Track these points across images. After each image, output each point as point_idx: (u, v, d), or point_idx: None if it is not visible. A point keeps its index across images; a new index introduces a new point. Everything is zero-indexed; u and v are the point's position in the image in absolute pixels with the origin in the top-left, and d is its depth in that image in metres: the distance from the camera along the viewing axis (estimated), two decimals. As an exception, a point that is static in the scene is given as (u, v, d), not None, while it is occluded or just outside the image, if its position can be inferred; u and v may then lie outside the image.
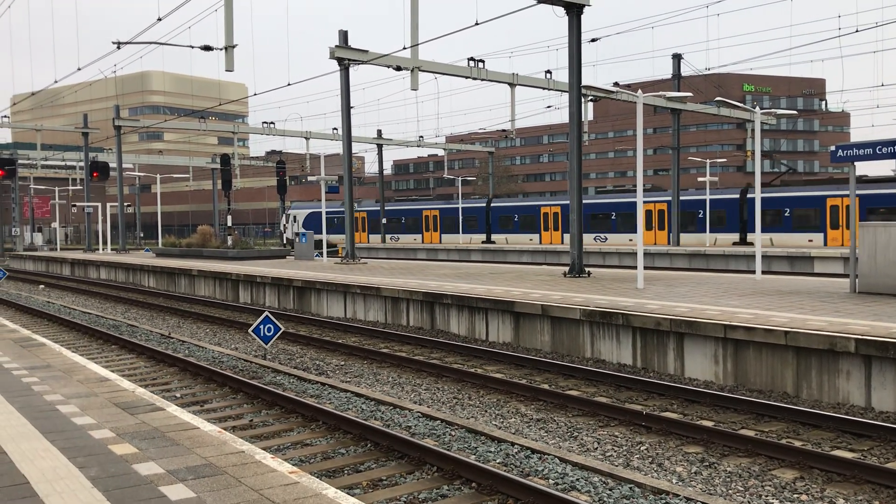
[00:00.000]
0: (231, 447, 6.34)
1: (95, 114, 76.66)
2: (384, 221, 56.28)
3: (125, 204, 50.16)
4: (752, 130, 38.88)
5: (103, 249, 51.12)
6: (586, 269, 21.15)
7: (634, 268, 19.06)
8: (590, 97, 33.35)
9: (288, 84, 24.81)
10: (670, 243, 40.01)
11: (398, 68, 25.57)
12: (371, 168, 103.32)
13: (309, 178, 54.50)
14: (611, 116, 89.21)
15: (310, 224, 57.18)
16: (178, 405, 9.80)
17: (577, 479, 7.14)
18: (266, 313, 14.40)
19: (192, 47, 23.28)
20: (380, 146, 55.59)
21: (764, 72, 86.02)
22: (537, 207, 49.35)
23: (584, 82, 20.30)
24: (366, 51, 26.99)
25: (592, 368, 12.29)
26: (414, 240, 55.21)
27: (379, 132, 54.71)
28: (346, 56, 26.88)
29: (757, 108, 20.60)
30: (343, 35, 27.04)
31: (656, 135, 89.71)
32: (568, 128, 21.09)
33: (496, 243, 49.42)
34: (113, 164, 45.90)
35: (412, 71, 25.01)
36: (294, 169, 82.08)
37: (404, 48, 22.38)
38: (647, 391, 11.04)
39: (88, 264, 39.99)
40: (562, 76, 36.01)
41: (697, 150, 78.17)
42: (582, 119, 24.01)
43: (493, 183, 66.23)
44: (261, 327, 14.04)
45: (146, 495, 5.18)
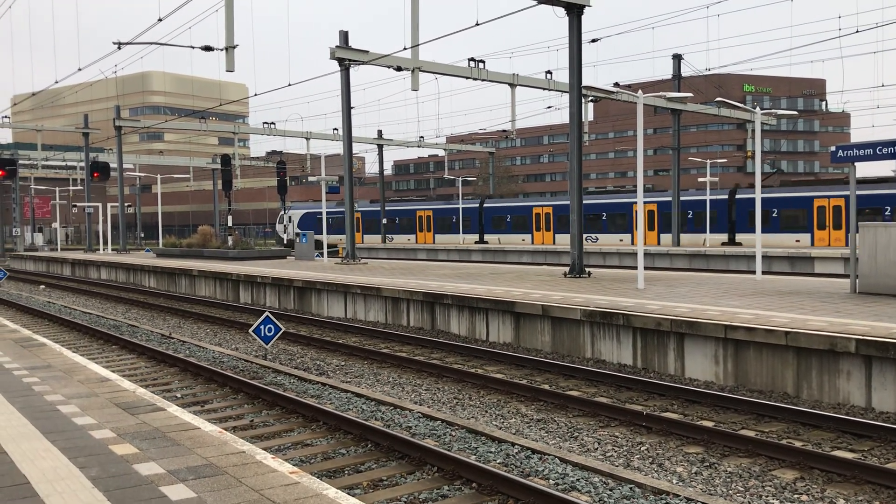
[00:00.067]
0: (232, 447, 6.35)
1: (96, 114, 76.69)
2: (385, 222, 56.33)
3: (126, 204, 50.23)
4: (753, 131, 38.99)
5: (104, 250, 51.14)
6: (586, 270, 21.17)
7: (635, 268, 19.06)
8: (590, 97, 33.37)
9: (288, 84, 24.84)
10: (660, 243, 40.09)
11: (399, 69, 25.58)
12: (371, 168, 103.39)
13: (309, 179, 54.51)
14: (611, 117, 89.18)
15: (305, 224, 57.26)
16: (179, 405, 9.80)
17: (578, 480, 7.15)
18: (266, 313, 14.41)
19: (193, 48, 23.29)
20: (380, 146, 55.64)
21: (764, 72, 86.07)
22: (529, 208, 49.60)
23: (585, 83, 20.32)
24: (366, 51, 27.01)
25: (593, 369, 12.29)
26: (408, 240, 55.28)
27: (379, 132, 54.75)
28: (347, 56, 26.90)
29: (757, 109, 20.60)
30: (343, 35, 27.06)
31: (656, 135, 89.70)
32: (568, 128, 21.10)
33: (489, 243, 49.59)
34: (113, 165, 45.96)
35: (413, 71, 25.01)
36: (294, 169, 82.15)
37: (405, 48, 22.36)
38: (648, 391, 11.05)
39: (89, 264, 40.00)
40: (562, 76, 35.95)
41: (698, 151, 78.15)
42: (582, 119, 24.00)
43: (494, 183, 66.26)
44: (261, 327, 14.05)
45: (147, 495, 5.19)
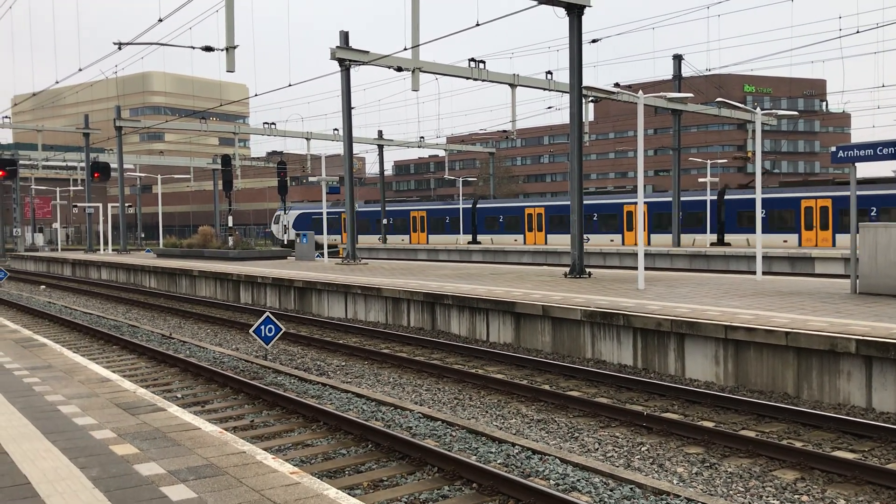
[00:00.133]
0: (232, 448, 6.35)
1: (96, 114, 76.72)
2: (385, 222, 56.38)
3: (126, 204, 50.23)
4: (753, 131, 38.98)
5: (104, 250, 51.15)
6: (587, 270, 21.18)
7: (635, 268, 19.07)
8: (590, 98, 33.36)
9: (289, 85, 24.83)
10: (650, 244, 40.20)
11: (399, 69, 25.56)
12: (372, 169, 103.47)
13: (310, 179, 54.46)
14: (611, 117, 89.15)
15: (300, 225, 57.39)
16: (180, 406, 9.80)
17: (578, 480, 7.15)
18: (267, 314, 14.41)
19: (193, 48, 23.29)
20: (381, 147, 55.66)
21: (765, 72, 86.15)
22: (521, 208, 49.91)
23: (585, 83, 20.32)
24: (366, 51, 27.00)
25: (593, 369, 12.29)
26: (402, 240, 55.45)
27: (380, 133, 54.76)
28: (347, 57, 26.90)
29: (758, 109, 20.60)
30: (344, 36, 27.06)
31: (657, 135, 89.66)
32: (569, 128, 21.10)
33: (482, 243, 49.73)
34: (114, 165, 45.96)
35: (413, 72, 24.99)
36: (295, 170, 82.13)
37: (405, 49, 22.32)
38: (648, 392, 11.05)
39: (89, 265, 40.01)
40: (563, 77, 35.92)
41: (698, 151, 78.17)
42: (583, 120, 23.99)
43: (494, 184, 66.26)
44: (262, 328, 14.05)
45: (147, 496, 5.19)
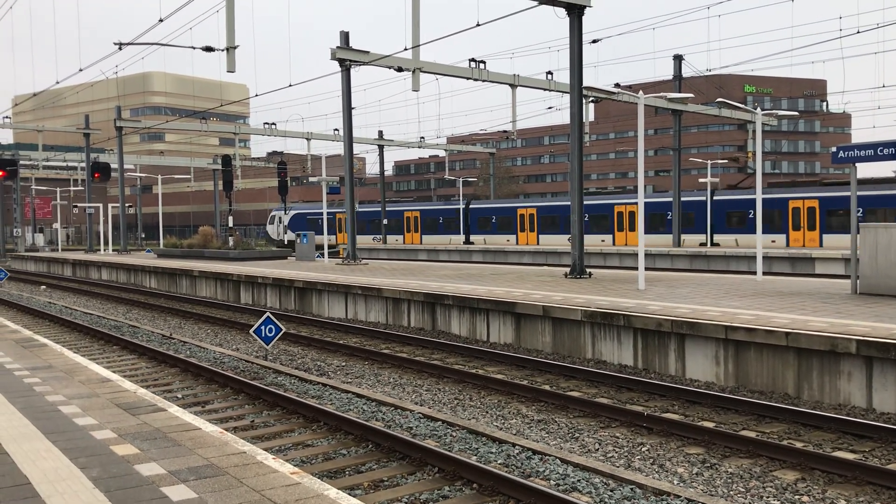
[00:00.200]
0: (233, 448, 6.35)
1: (97, 115, 76.70)
2: (385, 222, 56.43)
3: (126, 205, 50.23)
4: (753, 132, 38.94)
5: (104, 250, 51.16)
6: (587, 270, 21.17)
7: (636, 269, 19.07)
8: (591, 98, 33.34)
9: (289, 85, 24.83)
10: (643, 244, 40.35)
11: (399, 69, 25.55)
12: (372, 169, 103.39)
13: (310, 179, 54.43)
14: (612, 117, 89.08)
15: (295, 225, 57.48)
16: (180, 406, 9.80)
17: (579, 480, 7.15)
18: (267, 314, 14.41)
19: (194, 48, 23.29)
20: (381, 147, 55.64)
21: (765, 73, 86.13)
22: (514, 209, 50.15)
23: (586, 83, 20.31)
24: (367, 52, 27.00)
25: (594, 369, 12.29)
26: (396, 240, 55.76)
27: (380, 133, 54.75)
28: (348, 57, 26.90)
29: (758, 109, 20.59)
30: (344, 36, 27.05)
31: (657, 136, 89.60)
32: (569, 129, 21.09)
33: (475, 243, 49.88)
34: (114, 165, 45.96)
35: (413, 72, 24.98)
36: (295, 170, 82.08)
37: (405, 49, 22.30)
38: (649, 392, 11.05)
39: (90, 265, 40.01)
40: (563, 77, 35.89)
41: (699, 151, 78.13)
42: (583, 120, 24.00)
43: (494, 184, 66.25)
44: (262, 328, 14.05)
45: (148, 496, 5.19)
